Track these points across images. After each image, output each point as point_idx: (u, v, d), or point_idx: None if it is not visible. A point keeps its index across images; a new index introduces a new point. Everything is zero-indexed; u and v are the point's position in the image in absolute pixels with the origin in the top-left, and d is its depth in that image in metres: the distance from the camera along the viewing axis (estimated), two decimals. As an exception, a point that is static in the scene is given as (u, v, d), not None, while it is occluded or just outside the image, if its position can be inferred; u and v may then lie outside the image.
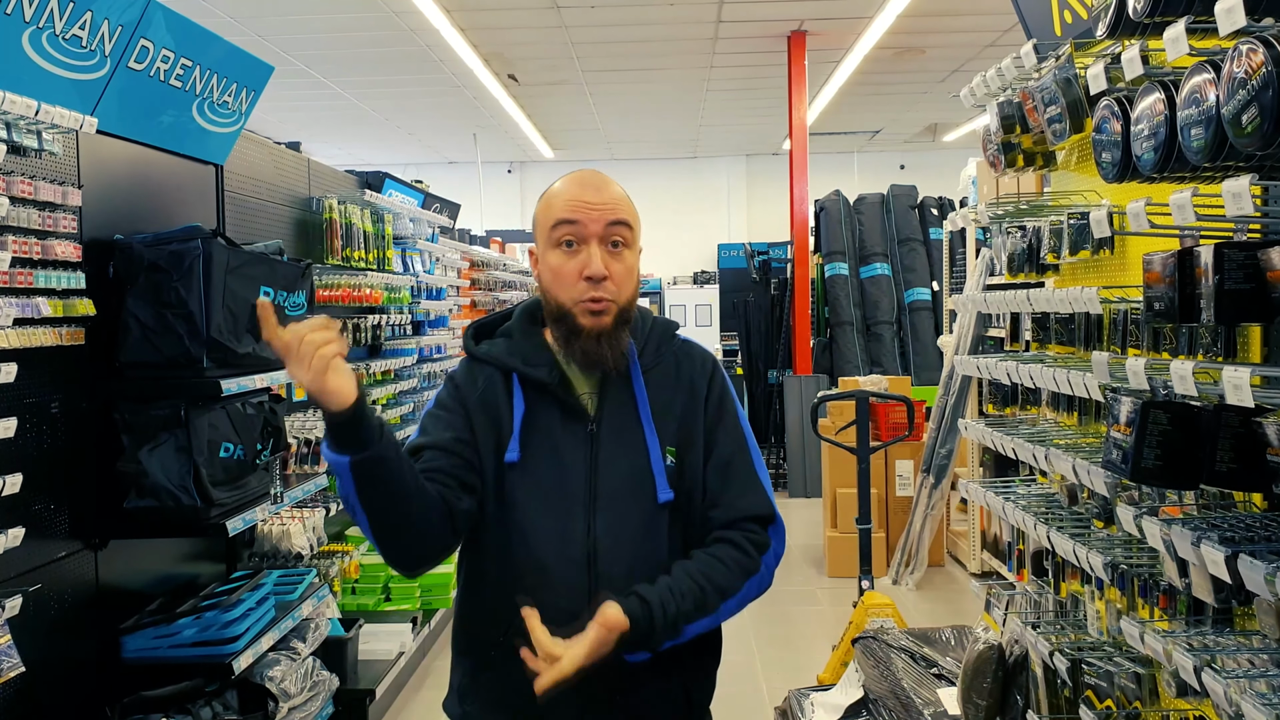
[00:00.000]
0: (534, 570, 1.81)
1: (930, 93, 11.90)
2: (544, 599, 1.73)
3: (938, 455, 6.50)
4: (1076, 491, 2.53)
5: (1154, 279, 1.85)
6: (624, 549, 1.82)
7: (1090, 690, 2.28)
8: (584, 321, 1.82)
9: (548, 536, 1.82)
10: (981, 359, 2.80)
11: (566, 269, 1.83)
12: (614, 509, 1.84)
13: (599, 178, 1.92)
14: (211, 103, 3.47)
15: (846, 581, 6.46)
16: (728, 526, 1.87)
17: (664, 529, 1.85)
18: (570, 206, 1.85)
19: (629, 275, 1.87)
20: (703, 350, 2.02)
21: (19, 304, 2.52)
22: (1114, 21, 1.97)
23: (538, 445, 1.85)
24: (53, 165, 2.78)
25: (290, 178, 4.44)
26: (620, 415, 1.88)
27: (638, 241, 1.92)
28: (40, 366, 2.70)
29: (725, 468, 1.90)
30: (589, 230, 1.83)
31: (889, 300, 10.18)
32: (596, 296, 1.82)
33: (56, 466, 2.81)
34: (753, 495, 1.90)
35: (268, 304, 1.59)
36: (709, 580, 1.80)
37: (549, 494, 1.83)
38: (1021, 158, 2.72)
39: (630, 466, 1.85)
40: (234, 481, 3.12)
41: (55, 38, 2.63)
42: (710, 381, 1.96)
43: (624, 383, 1.90)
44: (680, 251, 16.55)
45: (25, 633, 2.49)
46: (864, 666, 3.66)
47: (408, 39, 8.98)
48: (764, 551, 1.87)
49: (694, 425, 1.91)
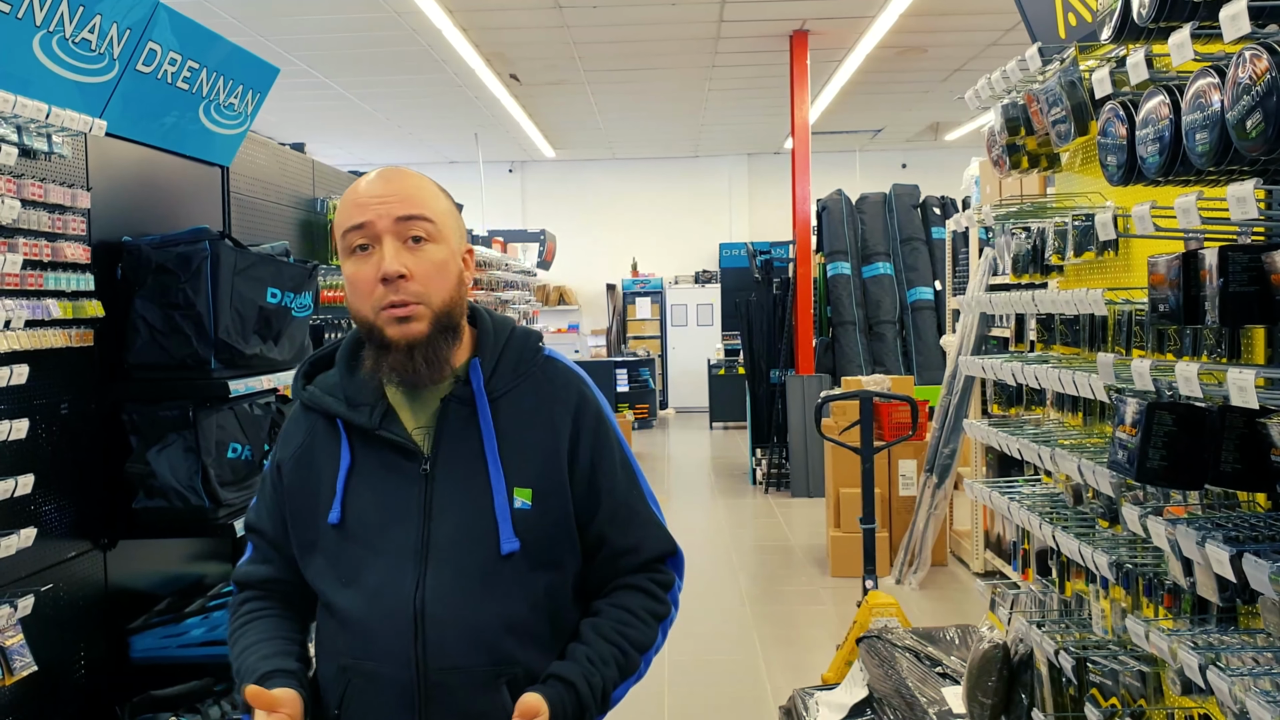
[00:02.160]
0: (358, 637, 1.60)
1: (932, 92, 11.92)
2: (370, 670, 1.58)
3: (941, 455, 6.51)
4: (1081, 491, 2.54)
5: (1159, 281, 1.87)
6: (457, 610, 1.58)
7: (1095, 688, 2.30)
8: (390, 332, 1.58)
9: (370, 598, 1.59)
10: (987, 360, 2.82)
11: (361, 275, 1.59)
12: (446, 563, 1.59)
13: (393, 171, 1.65)
14: (218, 105, 3.48)
15: (850, 581, 6.47)
16: (637, 571, 1.72)
17: (511, 585, 1.61)
18: (356, 207, 1.60)
19: (439, 272, 1.61)
20: (568, 372, 1.75)
21: (30, 306, 2.54)
22: (1119, 26, 1.98)
23: (363, 497, 1.64)
24: (62, 168, 2.80)
25: (295, 179, 4.45)
26: (459, 452, 1.63)
27: (450, 238, 1.64)
28: (50, 368, 2.72)
29: (622, 513, 1.71)
30: (379, 227, 1.57)
31: (891, 300, 10.19)
32: (397, 300, 1.57)
33: (66, 467, 2.83)
34: (654, 535, 1.74)
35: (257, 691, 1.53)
36: (625, 639, 1.66)
37: (375, 549, 1.61)
38: (1026, 159, 2.73)
39: (467, 512, 1.61)
40: (241, 482, 3.14)
41: (65, 41, 2.65)
42: (576, 416, 1.70)
43: (467, 412, 1.65)
44: (682, 251, 16.58)
45: (37, 632, 2.50)
46: (868, 666, 3.67)
47: (409, 39, 9.00)
48: (670, 590, 1.74)
49: (555, 464, 1.66)
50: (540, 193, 16.76)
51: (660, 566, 1.74)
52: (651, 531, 1.75)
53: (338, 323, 4.62)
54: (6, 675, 2.37)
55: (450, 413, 1.65)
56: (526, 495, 1.63)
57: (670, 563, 1.76)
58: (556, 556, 1.67)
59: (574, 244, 15.98)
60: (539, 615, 1.64)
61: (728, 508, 9.07)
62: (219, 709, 3.08)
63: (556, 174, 16.65)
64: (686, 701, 4.77)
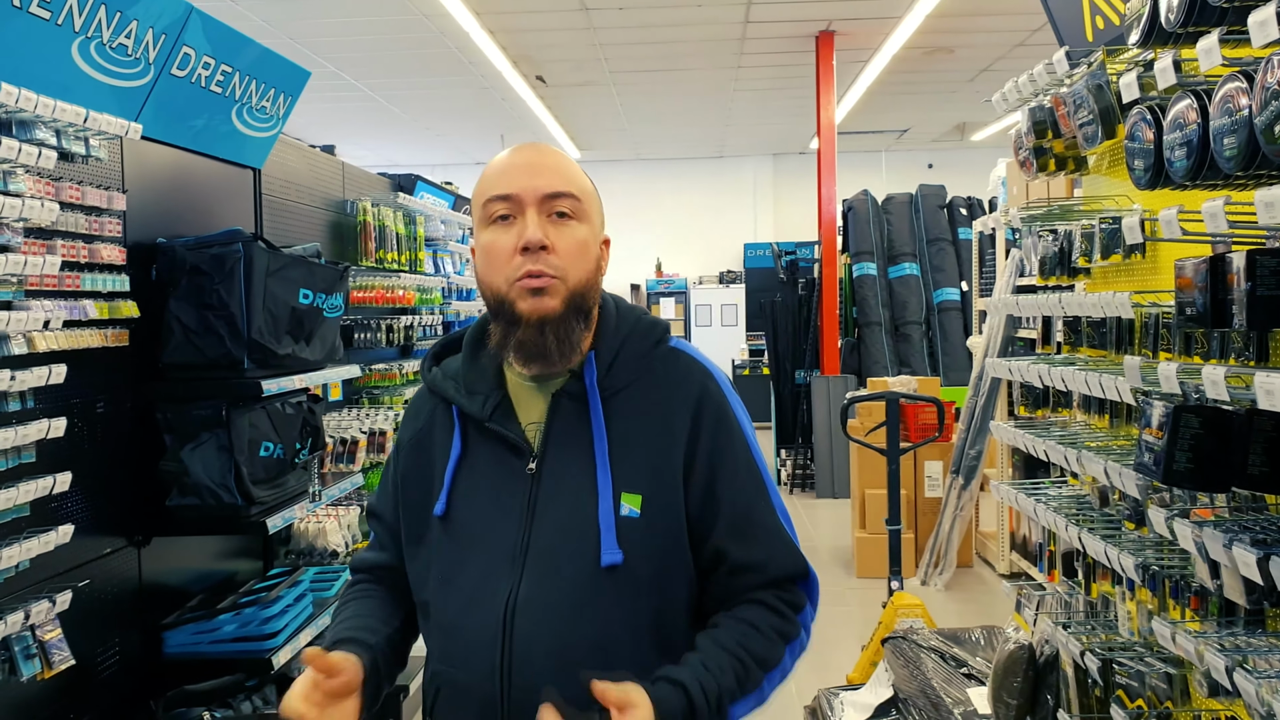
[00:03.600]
0: (449, 642, 1.52)
1: (959, 92, 11.88)
2: (456, 680, 1.50)
3: (967, 456, 6.50)
4: (1108, 493, 2.55)
5: (1186, 284, 1.87)
6: (547, 626, 1.45)
7: (1121, 690, 2.30)
8: (522, 306, 1.49)
9: (464, 602, 1.51)
10: (1013, 362, 2.82)
11: (499, 244, 1.50)
12: (542, 572, 1.47)
13: (539, 148, 1.57)
14: (250, 108, 3.53)
15: (875, 582, 6.47)
16: (763, 589, 1.54)
17: (610, 603, 1.46)
18: (503, 178, 1.52)
19: (580, 250, 1.52)
20: (691, 364, 1.61)
21: (67, 306, 2.58)
22: (1147, 30, 1.99)
23: (470, 490, 1.55)
24: (99, 171, 2.85)
25: (325, 181, 4.50)
26: (568, 452, 1.52)
27: (595, 220, 1.57)
28: (86, 367, 2.76)
29: (744, 525, 1.53)
30: (525, 199, 1.50)
31: (917, 300, 10.16)
32: (535, 270, 1.48)
33: (101, 465, 2.87)
34: (782, 552, 1.55)
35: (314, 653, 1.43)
36: (747, 650, 1.47)
37: (475, 548, 1.52)
38: (1053, 162, 2.74)
39: (569, 518, 1.49)
40: (273, 480, 3.18)
41: (102, 46, 2.69)
42: (696, 415, 1.54)
43: (579, 409, 1.53)
44: (706, 251, 16.58)
45: (74, 627, 2.55)
46: (894, 666, 3.68)
47: (437, 41, 9.05)
48: (800, 612, 1.55)
49: (670, 469, 1.51)
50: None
51: (790, 586, 1.55)
52: (779, 548, 1.56)
53: (368, 323, 4.66)
54: (45, 669, 2.41)
55: (561, 409, 1.54)
56: (635, 503, 1.49)
57: (802, 585, 1.57)
58: (666, 576, 1.51)
59: (599, 244, 15.97)
60: (641, 642, 1.48)
61: (752, 508, 9.03)
62: (251, 704, 3.13)
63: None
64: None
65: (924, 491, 6.96)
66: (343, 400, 4.67)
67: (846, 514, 8.13)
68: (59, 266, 2.50)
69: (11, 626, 2.31)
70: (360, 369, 3.96)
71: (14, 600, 2.41)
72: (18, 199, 2.29)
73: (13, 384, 2.32)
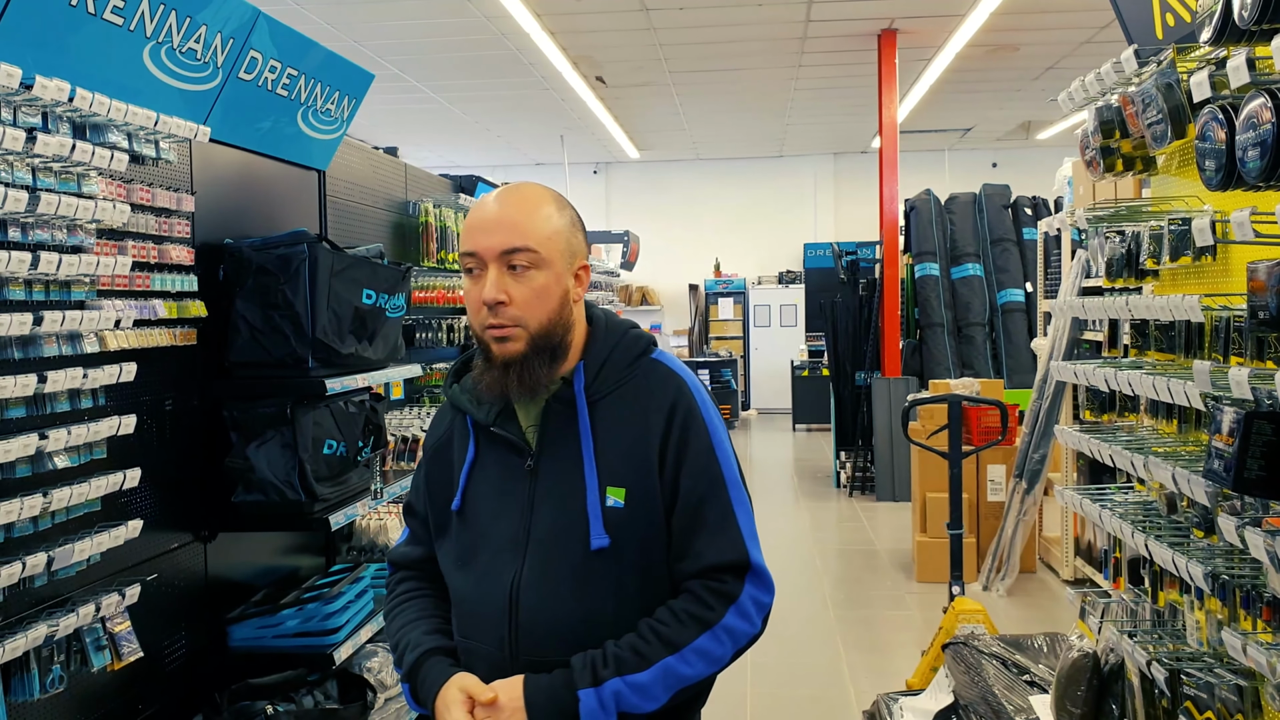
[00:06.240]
0: (466, 616, 1.81)
1: (1023, 90, 11.72)
2: (473, 648, 1.78)
3: (1031, 460, 6.41)
4: (1175, 500, 2.50)
5: (1259, 287, 1.83)
6: (548, 600, 1.72)
7: (1190, 701, 2.25)
8: (494, 349, 1.75)
9: (477, 581, 1.78)
10: (1079, 365, 2.77)
11: (471, 296, 1.76)
12: (541, 556, 1.74)
13: (505, 200, 1.77)
14: (315, 110, 3.58)
15: (935, 586, 6.40)
16: (695, 578, 1.73)
17: (600, 581, 1.72)
18: (468, 237, 1.76)
19: (537, 298, 1.73)
20: (668, 374, 1.83)
21: (138, 306, 2.64)
22: (1219, 27, 1.94)
23: (481, 488, 1.82)
24: (168, 173, 2.90)
25: (388, 182, 4.55)
26: (560, 451, 1.77)
27: (556, 262, 1.75)
28: (155, 366, 2.82)
29: (692, 514, 1.74)
30: (486, 258, 1.73)
31: (981, 301, 10.03)
32: (495, 323, 1.72)
33: (169, 462, 2.93)
34: (721, 541, 1.73)
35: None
36: (653, 631, 1.69)
37: (485, 537, 1.79)
38: (1121, 162, 2.68)
39: (562, 508, 1.74)
40: (336, 477, 3.22)
41: (173, 51, 2.75)
42: (670, 415, 1.77)
43: (568, 413, 1.78)
44: (765, 251, 16.54)
45: (142, 620, 2.61)
46: (954, 672, 3.64)
47: (498, 43, 9.12)
48: (729, 601, 1.70)
49: (647, 465, 1.74)
50: (624, 193, 16.84)
51: (723, 576, 1.72)
52: (718, 540, 1.73)
53: (429, 323, 4.71)
54: (115, 660, 2.47)
55: (553, 413, 1.79)
56: (619, 495, 1.73)
57: (747, 576, 1.73)
58: (649, 557, 1.75)
59: (657, 244, 16.02)
60: (628, 613, 1.72)
61: (811, 510, 9.03)
62: (313, 699, 3.17)
63: (640, 175, 16.71)
64: (769, 703, 4.77)
65: (986, 495, 6.87)
66: (404, 399, 4.72)
67: (907, 517, 8.06)
68: (130, 267, 2.56)
69: (83, 619, 2.37)
70: (421, 368, 4.00)
71: (85, 593, 2.47)
72: (90, 201, 2.34)
73: (85, 382, 2.37)
